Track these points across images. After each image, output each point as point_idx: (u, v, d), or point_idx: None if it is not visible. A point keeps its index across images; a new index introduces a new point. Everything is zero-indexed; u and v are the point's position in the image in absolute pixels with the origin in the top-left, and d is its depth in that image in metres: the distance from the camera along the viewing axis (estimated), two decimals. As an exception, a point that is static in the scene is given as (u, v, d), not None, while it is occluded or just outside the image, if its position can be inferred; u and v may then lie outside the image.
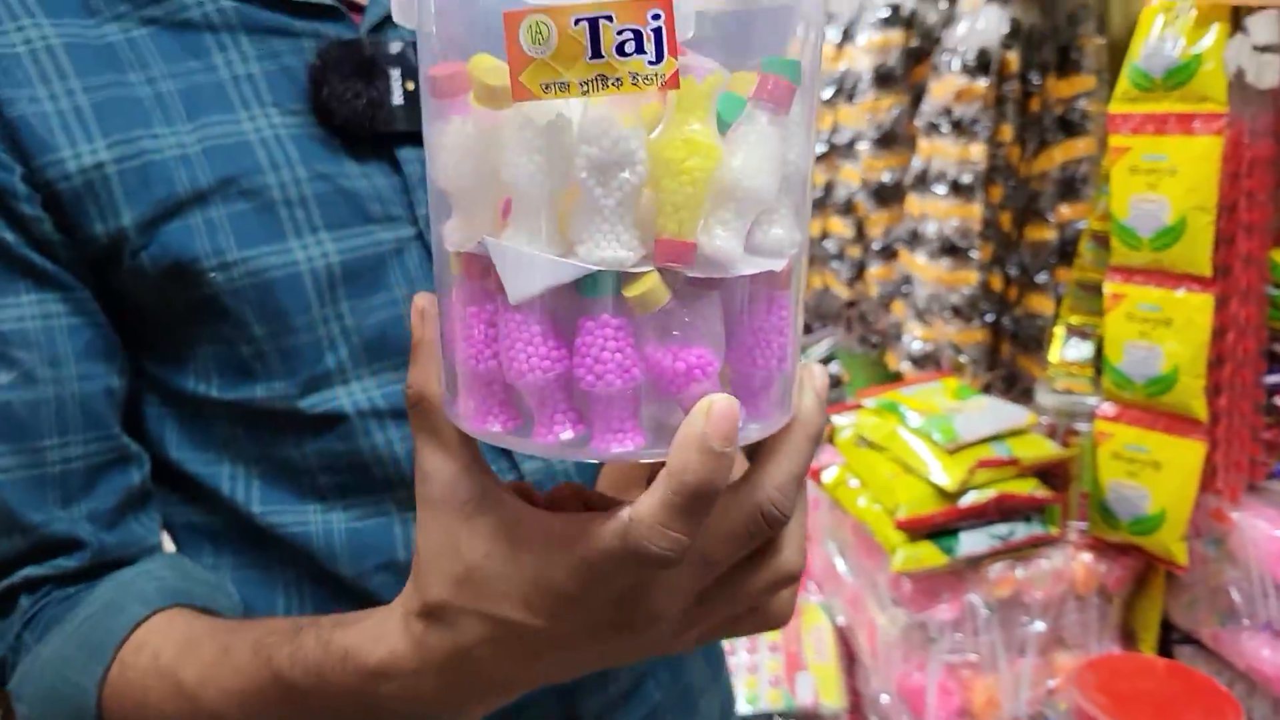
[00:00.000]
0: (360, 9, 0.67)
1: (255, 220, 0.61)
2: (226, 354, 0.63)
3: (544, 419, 0.40)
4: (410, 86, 0.64)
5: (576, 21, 0.33)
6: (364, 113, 0.62)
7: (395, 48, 0.64)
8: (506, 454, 0.66)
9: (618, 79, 0.34)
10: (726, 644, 1.51)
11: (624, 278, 0.37)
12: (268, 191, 0.61)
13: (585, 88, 0.34)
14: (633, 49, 0.34)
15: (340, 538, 0.65)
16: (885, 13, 1.75)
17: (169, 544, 0.69)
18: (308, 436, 0.64)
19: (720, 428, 0.37)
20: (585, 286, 0.37)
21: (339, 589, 0.66)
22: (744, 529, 0.42)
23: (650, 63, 0.34)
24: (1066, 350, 1.50)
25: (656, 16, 0.33)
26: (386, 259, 0.64)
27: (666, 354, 0.38)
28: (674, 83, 0.35)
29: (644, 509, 0.38)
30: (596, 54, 0.34)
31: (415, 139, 0.64)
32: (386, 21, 0.66)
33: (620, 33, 0.33)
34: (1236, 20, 1.16)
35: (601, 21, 0.33)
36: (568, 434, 0.39)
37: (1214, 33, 1.16)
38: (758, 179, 0.37)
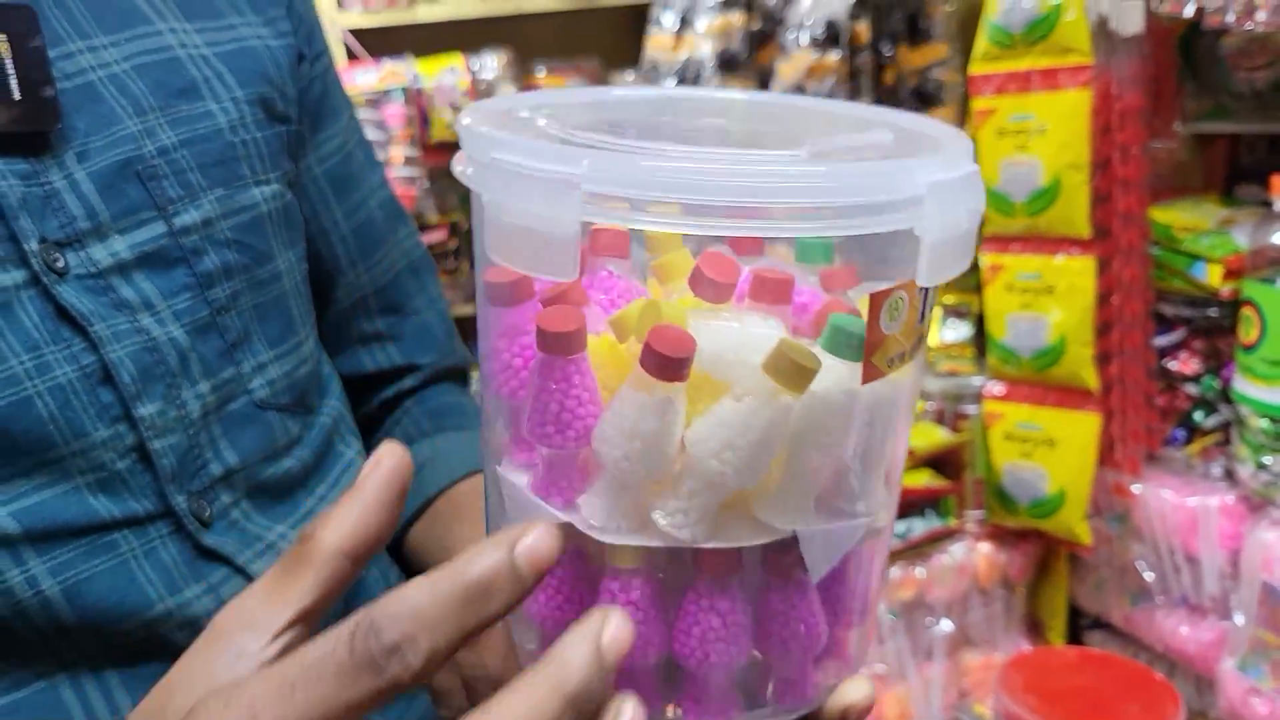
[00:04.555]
0: None
1: None
2: None
3: None
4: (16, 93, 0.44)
5: (921, 291, 0.31)
6: None
7: None
8: None
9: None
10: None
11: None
12: None
13: (906, 358, 0.32)
14: (920, 316, 0.33)
15: None
16: (722, -5, 1.66)
17: None
18: None
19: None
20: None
21: None
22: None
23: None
24: (945, 332, 1.42)
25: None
26: None
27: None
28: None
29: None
30: (921, 320, 0.33)
31: (12, 145, 0.46)
32: None
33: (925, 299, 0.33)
34: (1096, -36, 1.10)
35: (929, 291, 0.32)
36: None
37: (1074, -21, 1.10)
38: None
